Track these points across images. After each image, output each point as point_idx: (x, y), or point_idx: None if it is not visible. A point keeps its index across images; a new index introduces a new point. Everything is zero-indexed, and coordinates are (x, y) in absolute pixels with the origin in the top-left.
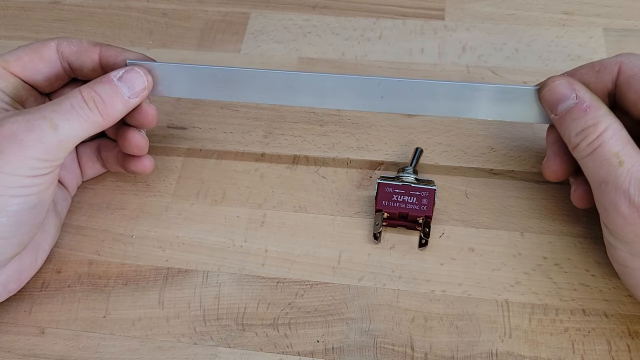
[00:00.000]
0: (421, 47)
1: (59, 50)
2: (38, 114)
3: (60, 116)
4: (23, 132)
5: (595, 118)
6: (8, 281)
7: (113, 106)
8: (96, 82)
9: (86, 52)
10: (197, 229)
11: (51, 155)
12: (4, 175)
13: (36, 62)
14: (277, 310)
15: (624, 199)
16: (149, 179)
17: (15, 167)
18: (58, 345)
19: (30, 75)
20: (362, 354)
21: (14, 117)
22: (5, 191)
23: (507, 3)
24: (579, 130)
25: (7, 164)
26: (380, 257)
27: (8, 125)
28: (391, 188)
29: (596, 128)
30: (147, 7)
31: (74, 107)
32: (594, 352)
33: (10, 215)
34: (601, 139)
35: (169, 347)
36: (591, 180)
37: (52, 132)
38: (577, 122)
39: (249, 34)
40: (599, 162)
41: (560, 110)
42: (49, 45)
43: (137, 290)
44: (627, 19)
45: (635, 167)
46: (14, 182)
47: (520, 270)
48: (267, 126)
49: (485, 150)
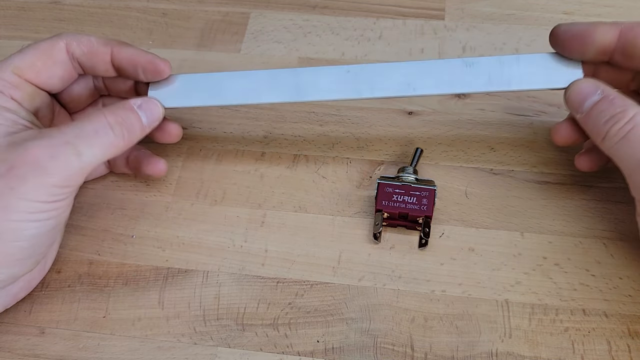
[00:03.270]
0: (421, 47)
1: (69, 51)
2: (61, 139)
3: (84, 142)
4: (47, 159)
5: (623, 106)
6: (19, 291)
7: (134, 132)
8: (119, 108)
9: (97, 54)
10: (197, 229)
11: (72, 182)
12: (24, 201)
13: (50, 66)
14: (277, 310)
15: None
16: (149, 178)
17: (35, 194)
18: (58, 345)
19: (44, 80)
20: (362, 354)
21: (37, 142)
22: (24, 216)
23: (507, 3)
24: (607, 117)
25: (28, 191)
26: (380, 257)
27: (32, 150)
28: (391, 188)
29: (625, 114)
30: (147, 7)
31: (98, 133)
32: (594, 352)
33: (28, 239)
34: (633, 122)
35: (169, 347)
36: (626, 164)
37: (76, 159)
38: (605, 111)
39: (249, 34)
40: (635, 143)
41: (587, 106)
42: (58, 47)
43: (137, 290)
44: (627, 19)
45: None
46: (33, 207)
47: (520, 270)
48: (267, 126)
49: (485, 150)
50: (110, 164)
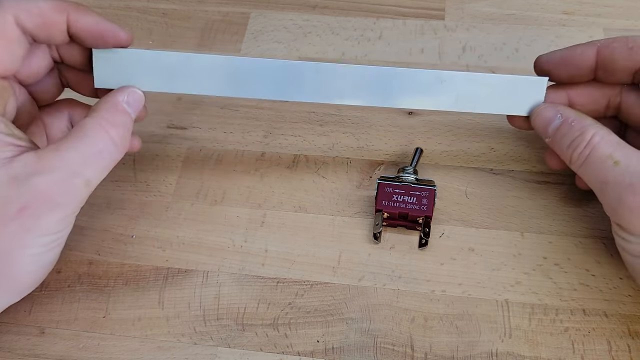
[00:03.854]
0: (421, 47)
1: (19, 25)
2: (67, 170)
3: (91, 169)
4: (59, 195)
5: (581, 128)
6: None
7: (129, 135)
8: (116, 116)
9: (52, 24)
10: (197, 229)
11: (81, 206)
12: (40, 237)
13: (4, 47)
14: (277, 310)
15: (629, 193)
16: (149, 179)
17: (50, 229)
18: (58, 345)
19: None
20: (362, 354)
21: (44, 177)
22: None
23: (507, 3)
24: (568, 142)
25: (42, 228)
26: (380, 257)
27: (41, 187)
28: (391, 188)
29: (583, 137)
30: (147, 7)
31: (102, 154)
32: (594, 352)
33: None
34: (591, 145)
35: (169, 347)
36: (593, 187)
37: (85, 189)
38: (566, 136)
39: (249, 34)
40: (595, 166)
41: (551, 131)
42: (7, 21)
43: (137, 290)
44: (627, 19)
45: (633, 162)
46: (49, 240)
47: (520, 270)
48: (267, 126)
49: (485, 150)
50: None
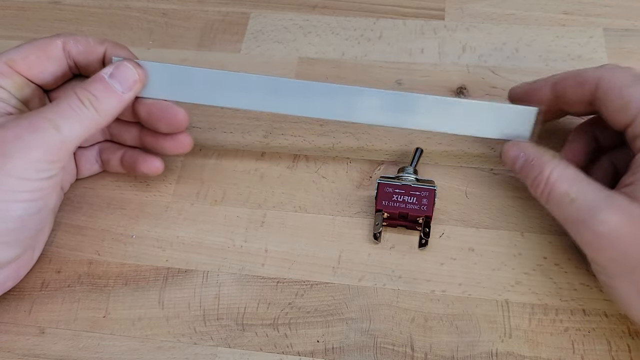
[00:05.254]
0: (421, 47)
1: (66, 49)
2: (39, 116)
3: (60, 117)
4: (27, 134)
5: (539, 167)
6: (6, 279)
7: (108, 103)
8: (89, 82)
9: (93, 53)
10: (197, 229)
11: (55, 157)
12: (11, 178)
13: (43, 61)
14: (277, 310)
15: (583, 229)
16: (149, 178)
17: (22, 170)
18: (58, 345)
19: (36, 74)
20: (362, 354)
21: (17, 121)
22: (11, 196)
23: (507, 3)
24: (531, 182)
25: (14, 168)
26: (380, 257)
27: (12, 128)
28: (391, 188)
29: (542, 175)
30: (147, 7)
31: (72, 108)
32: (594, 352)
33: (15, 220)
34: (549, 184)
35: (169, 347)
36: (561, 222)
37: (55, 132)
38: (528, 175)
39: (249, 34)
40: (555, 205)
41: (518, 168)
42: (55, 44)
43: (137, 290)
44: (627, 19)
45: (588, 198)
46: (21, 186)
47: (520, 270)
48: (267, 126)
49: (485, 150)
50: (104, 163)
